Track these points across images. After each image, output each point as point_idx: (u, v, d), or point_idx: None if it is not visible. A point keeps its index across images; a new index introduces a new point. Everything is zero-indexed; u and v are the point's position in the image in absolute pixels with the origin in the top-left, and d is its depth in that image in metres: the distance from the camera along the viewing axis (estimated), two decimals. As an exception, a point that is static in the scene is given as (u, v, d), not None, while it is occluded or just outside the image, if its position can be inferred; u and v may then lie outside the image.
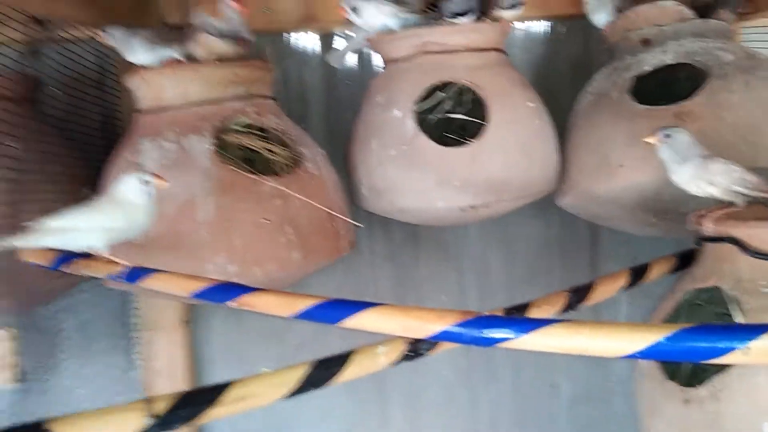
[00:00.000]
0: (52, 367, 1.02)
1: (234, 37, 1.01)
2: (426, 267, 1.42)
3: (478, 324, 0.50)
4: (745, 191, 0.83)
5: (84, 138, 1.20)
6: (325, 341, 1.21)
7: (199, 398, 0.51)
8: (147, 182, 0.80)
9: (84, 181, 1.11)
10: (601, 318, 1.42)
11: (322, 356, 0.67)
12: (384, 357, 0.62)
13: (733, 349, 0.42)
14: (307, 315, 0.57)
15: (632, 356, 0.44)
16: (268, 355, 1.39)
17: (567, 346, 0.47)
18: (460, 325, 0.50)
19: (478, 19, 1.13)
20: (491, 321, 0.50)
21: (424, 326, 0.52)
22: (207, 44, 1.00)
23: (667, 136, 0.85)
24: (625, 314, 1.44)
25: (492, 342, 0.49)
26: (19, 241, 0.76)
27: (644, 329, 0.44)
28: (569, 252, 1.43)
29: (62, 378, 1.06)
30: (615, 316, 1.44)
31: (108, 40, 1.02)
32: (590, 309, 0.89)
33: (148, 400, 0.50)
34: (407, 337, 0.63)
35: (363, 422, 1.43)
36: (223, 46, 1.01)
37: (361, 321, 0.54)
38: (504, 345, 0.49)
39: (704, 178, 0.83)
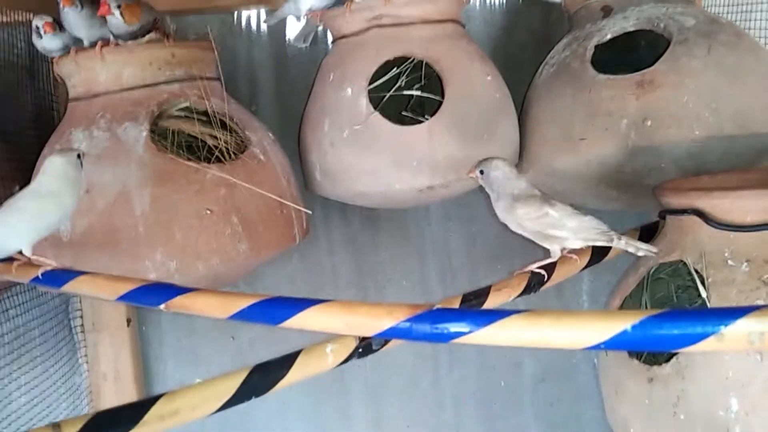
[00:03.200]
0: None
1: (142, 34, 0.94)
2: (386, 251, 1.38)
3: (430, 318, 0.45)
4: (563, 234, 0.79)
5: (15, 131, 1.12)
6: (283, 333, 1.15)
7: (118, 418, 0.46)
8: (79, 156, 0.73)
9: (16, 178, 1.03)
10: (564, 295, 1.40)
11: (275, 354, 0.63)
12: (333, 355, 0.57)
13: (706, 335, 0.38)
14: (244, 316, 0.52)
15: (596, 347, 0.40)
16: (222, 352, 1.33)
17: (527, 338, 0.43)
18: (411, 320, 0.46)
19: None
20: (444, 315, 0.45)
21: (371, 323, 0.47)
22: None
23: (482, 172, 0.81)
24: (588, 290, 1.42)
25: (446, 338, 0.45)
26: None
27: (608, 317, 0.40)
28: (532, 230, 1.40)
29: (-3, 388, 0.99)
30: (577, 292, 1.42)
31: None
32: (552, 287, 0.86)
33: (56, 426, 0.44)
34: (358, 333, 0.58)
35: (323, 414, 1.39)
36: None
37: (302, 320, 0.49)
38: (460, 340, 0.44)
39: (512, 221, 0.80)
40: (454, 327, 0.44)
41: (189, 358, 1.34)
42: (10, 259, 0.72)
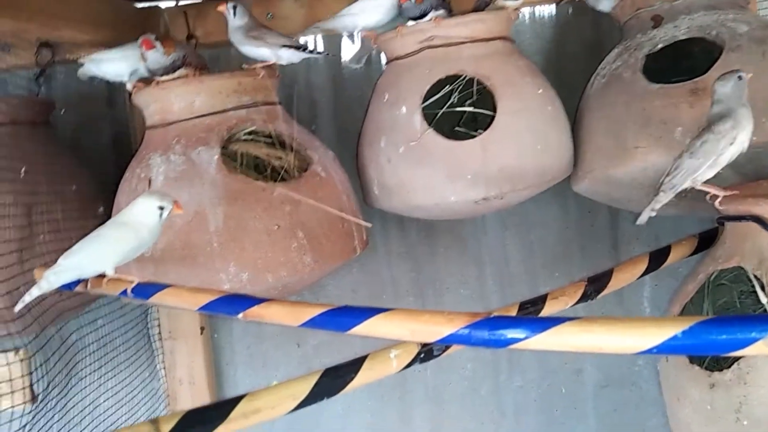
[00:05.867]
0: (69, 385, 1.04)
1: (173, 69, 1.01)
2: (444, 261, 1.41)
3: (487, 325, 0.49)
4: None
5: (97, 156, 1.22)
6: (345, 339, 1.19)
7: (208, 416, 0.51)
8: (162, 207, 0.80)
9: (99, 198, 1.12)
10: (624, 302, 1.39)
11: (338, 360, 0.67)
12: (397, 360, 0.61)
13: (754, 340, 0.40)
14: (315, 323, 0.56)
15: (647, 352, 0.43)
16: (288, 357, 1.39)
17: (580, 344, 0.46)
18: (469, 327, 0.49)
19: (480, 9, 1.11)
20: (501, 322, 0.48)
21: (433, 330, 0.50)
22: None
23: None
24: (649, 296, 1.41)
25: (503, 343, 0.48)
26: (39, 290, 0.77)
27: (659, 324, 0.42)
28: (589, 236, 1.41)
29: (84, 392, 1.08)
30: (639, 299, 1.41)
31: None
32: (613, 294, 0.87)
33: (155, 421, 0.49)
34: (420, 340, 0.62)
35: (385, 418, 1.43)
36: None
37: (369, 328, 0.53)
38: (516, 346, 0.48)
39: None
40: (510, 333, 0.47)
41: (258, 363, 1.40)
42: (100, 276, 0.80)
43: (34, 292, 0.77)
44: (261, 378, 1.40)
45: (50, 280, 0.77)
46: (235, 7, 1.03)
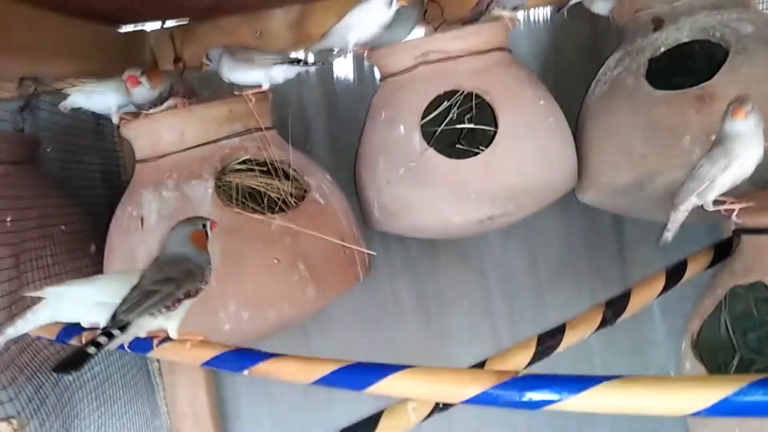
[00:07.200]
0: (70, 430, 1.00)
1: (158, 102, 0.97)
2: (446, 274, 1.37)
3: (517, 385, 0.45)
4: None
5: (86, 191, 1.17)
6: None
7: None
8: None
9: (90, 236, 1.08)
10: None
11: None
12: (414, 414, 0.57)
13: (813, 401, 0.36)
14: (327, 381, 0.53)
15: (696, 415, 0.39)
16: (293, 388, 1.35)
17: (621, 406, 0.42)
18: (497, 387, 0.45)
19: (475, 20, 1.07)
20: (532, 382, 0.45)
21: (456, 390, 0.47)
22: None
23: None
24: (658, 301, 1.37)
25: (535, 405, 0.44)
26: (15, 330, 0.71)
27: (707, 383, 0.39)
28: (595, 245, 1.37)
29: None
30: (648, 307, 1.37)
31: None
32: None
33: None
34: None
35: None
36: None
37: (386, 387, 0.50)
38: (549, 408, 0.44)
39: None
40: (542, 395, 0.44)
41: (262, 394, 1.36)
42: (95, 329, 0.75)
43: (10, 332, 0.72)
44: (265, 409, 1.36)
45: (27, 317, 0.72)
46: (207, 54, 1.02)
